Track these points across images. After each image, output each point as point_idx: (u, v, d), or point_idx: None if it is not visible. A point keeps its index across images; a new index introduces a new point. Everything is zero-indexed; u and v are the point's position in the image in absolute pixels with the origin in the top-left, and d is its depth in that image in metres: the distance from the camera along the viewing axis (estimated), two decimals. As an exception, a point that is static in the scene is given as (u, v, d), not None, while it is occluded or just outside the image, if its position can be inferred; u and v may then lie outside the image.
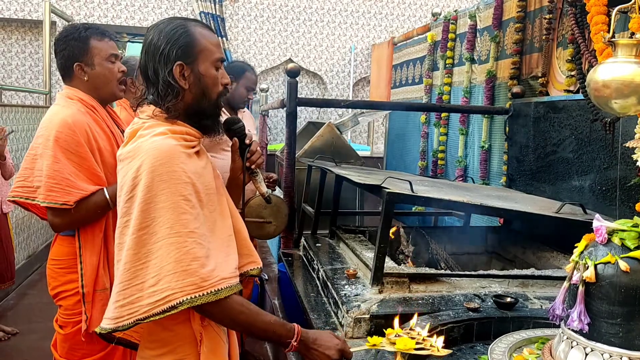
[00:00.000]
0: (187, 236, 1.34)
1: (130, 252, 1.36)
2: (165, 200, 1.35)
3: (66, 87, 2.16)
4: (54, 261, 2.11)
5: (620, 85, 1.36)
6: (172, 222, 1.34)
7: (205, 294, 1.34)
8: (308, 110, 8.22)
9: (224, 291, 1.36)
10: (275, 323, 1.46)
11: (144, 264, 1.35)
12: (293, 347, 1.45)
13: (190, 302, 1.33)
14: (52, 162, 1.96)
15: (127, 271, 1.36)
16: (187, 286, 1.32)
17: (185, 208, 1.36)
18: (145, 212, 1.35)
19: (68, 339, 2.07)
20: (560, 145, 2.82)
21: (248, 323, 1.43)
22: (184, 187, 1.37)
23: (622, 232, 1.28)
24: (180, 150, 1.40)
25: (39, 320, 4.25)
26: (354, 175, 2.59)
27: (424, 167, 4.86)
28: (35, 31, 7.82)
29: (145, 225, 1.35)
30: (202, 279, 1.34)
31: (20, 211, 5.07)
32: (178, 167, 1.37)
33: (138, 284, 1.35)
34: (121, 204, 1.41)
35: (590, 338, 1.27)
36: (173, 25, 1.46)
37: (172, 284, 1.32)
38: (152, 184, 1.35)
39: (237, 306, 1.40)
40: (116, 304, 1.38)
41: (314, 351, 1.47)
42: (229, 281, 1.38)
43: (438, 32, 4.67)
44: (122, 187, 1.42)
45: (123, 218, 1.40)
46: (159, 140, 1.39)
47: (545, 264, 2.52)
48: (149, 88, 1.49)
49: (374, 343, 1.50)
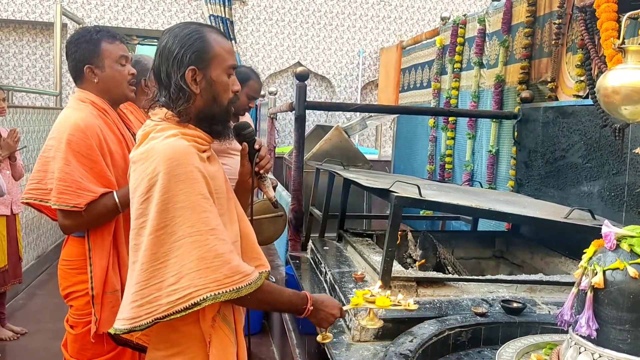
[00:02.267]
0: (209, 234, 1.37)
1: (148, 252, 1.38)
2: (184, 200, 1.37)
3: (78, 90, 2.17)
4: (65, 262, 2.12)
5: (630, 91, 1.36)
6: (193, 220, 1.37)
7: (228, 291, 1.37)
8: (316, 113, 8.23)
9: (244, 289, 1.40)
10: (292, 296, 1.59)
11: (162, 264, 1.37)
12: (308, 311, 1.60)
13: (213, 298, 1.36)
14: (64, 165, 1.97)
15: (145, 271, 1.38)
16: (210, 283, 1.36)
17: (205, 206, 1.39)
18: (163, 212, 1.37)
19: (78, 339, 2.08)
20: (569, 151, 2.82)
21: (271, 304, 1.58)
22: (201, 186, 1.40)
23: (631, 238, 1.28)
24: (194, 151, 1.43)
25: (47, 320, 4.28)
26: (362, 179, 2.59)
27: (432, 171, 4.86)
28: (47, 33, 7.88)
29: (164, 225, 1.37)
30: (225, 276, 1.38)
31: (30, 212, 5.11)
32: (194, 167, 1.40)
33: (156, 284, 1.37)
34: (136, 205, 1.42)
35: (598, 344, 1.27)
36: (188, 30, 1.48)
37: (195, 282, 1.35)
38: (169, 184, 1.37)
39: (260, 295, 1.47)
40: (133, 304, 1.39)
41: (322, 312, 1.63)
42: (250, 277, 1.43)
43: (447, 36, 4.67)
44: (136, 189, 1.43)
45: (139, 219, 1.42)
46: (172, 141, 1.41)
47: (554, 270, 2.51)
48: (161, 91, 1.51)
49: (356, 302, 1.68)
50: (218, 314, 1.48)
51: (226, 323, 1.51)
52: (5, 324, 4.11)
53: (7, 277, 4.06)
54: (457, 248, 2.91)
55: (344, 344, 1.86)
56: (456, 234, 3.31)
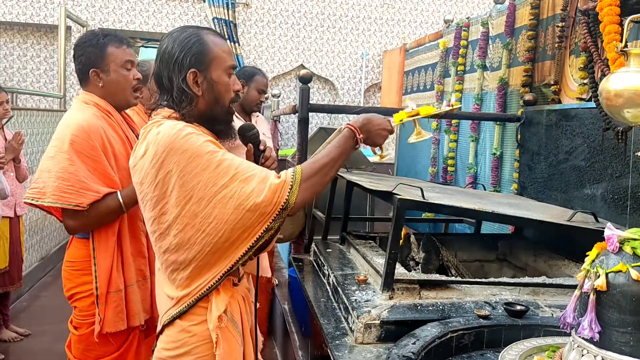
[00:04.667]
0: (232, 181, 1.40)
1: (187, 227, 1.41)
2: (195, 166, 1.39)
3: (83, 92, 2.19)
4: (69, 263, 2.13)
5: (633, 94, 1.36)
6: (213, 179, 1.39)
7: (275, 217, 1.41)
8: (319, 115, 8.24)
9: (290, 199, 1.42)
10: (339, 140, 1.55)
11: (203, 232, 1.41)
12: (361, 139, 1.57)
13: (271, 228, 1.42)
14: (68, 165, 1.99)
15: (189, 248, 1.42)
16: (259, 217, 1.40)
17: (216, 159, 1.41)
18: (182, 187, 1.40)
19: (82, 340, 2.09)
20: (572, 153, 2.82)
21: (326, 173, 1.50)
22: (205, 145, 1.41)
23: (634, 240, 1.28)
24: (190, 128, 1.45)
25: (51, 322, 4.29)
26: (365, 181, 2.60)
27: (435, 173, 4.86)
28: (51, 36, 7.91)
29: (189, 197, 1.40)
30: (266, 205, 1.40)
31: (34, 213, 5.12)
32: (190, 135, 1.42)
33: (209, 250, 1.42)
34: (149, 195, 1.44)
35: (601, 347, 1.27)
36: (187, 34, 1.51)
37: (247, 223, 1.40)
38: (174, 158, 1.39)
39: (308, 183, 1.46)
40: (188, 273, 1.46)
41: (372, 131, 1.60)
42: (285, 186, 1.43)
43: (450, 39, 4.67)
44: (143, 181, 1.45)
45: (156, 207, 1.44)
46: (164, 123, 1.45)
47: (557, 272, 2.51)
48: (163, 95, 1.53)
49: (400, 118, 1.67)
50: (225, 314, 1.49)
51: (233, 324, 1.52)
52: (9, 326, 4.12)
53: (8, 279, 4.07)
54: (460, 250, 2.91)
55: (347, 345, 1.87)
56: (459, 236, 3.31)
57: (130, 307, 2.10)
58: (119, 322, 2.07)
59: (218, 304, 1.47)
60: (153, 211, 1.44)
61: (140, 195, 1.48)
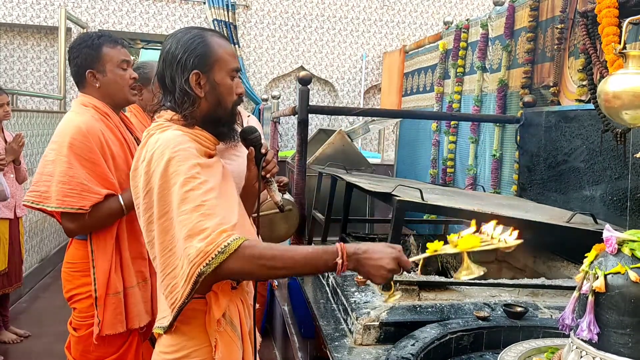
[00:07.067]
0: (194, 211, 1.32)
1: (157, 242, 1.39)
2: (175, 183, 1.36)
3: (80, 95, 2.19)
4: (69, 264, 2.14)
5: (631, 96, 1.36)
6: (179, 200, 1.34)
7: (214, 256, 1.29)
8: (319, 117, 8.24)
9: (232, 244, 1.30)
10: (315, 251, 1.36)
11: (171, 251, 1.38)
12: (344, 266, 1.33)
13: (206, 270, 1.29)
14: (67, 168, 1.99)
15: (162, 264, 1.40)
16: (195, 257, 1.30)
17: (194, 181, 1.36)
18: (161, 199, 1.37)
19: (81, 341, 2.09)
20: (571, 155, 2.82)
21: (282, 262, 1.33)
22: (191, 164, 1.38)
23: (632, 242, 1.28)
24: (186, 138, 1.44)
25: (50, 323, 4.29)
26: (365, 183, 2.60)
27: (435, 175, 4.86)
28: (51, 37, 7.91)
29: (165, 212, 1.37)
30: (207, 244, 1.29)
31: (33, 215, 5.13)
32: (183, 149, 1.40)
33: (170, 272, 1.38)
34: (141, 201, 1.44)
35: (599, 348, 1.27)
36: (191, 35, 1.50)
37: (190, 259, 1.30)
38: (163, 171, 1.37)
39: (257, 251, 1.33)
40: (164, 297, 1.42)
41: (367, 262, 1.34)
42: (231, 236, 1.32)
43: (450, 41, 4.68)
44: (137, 187, 1.46)
45: (146, 215, 1.43)
46: (165, 133, 1.44)
47: (556, 274, 2.51)
48: (166, 96, 1.53)
49: (435, 249, 1.39)
50: (224, 317, 1.49)
51: (232, 327, 1.52)
52: (9, 327, 4.12)
53: (8, 280, 4.07)
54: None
55: (346, 347, 1.87)
56: (459, 238, 3.29)
57: (130, 310, 2.10)
58: (118, 325, 2.07)
59: (216, 308, 1.46)
60: (142, 218, 1.44)
61: (136, 201, 1.48)
